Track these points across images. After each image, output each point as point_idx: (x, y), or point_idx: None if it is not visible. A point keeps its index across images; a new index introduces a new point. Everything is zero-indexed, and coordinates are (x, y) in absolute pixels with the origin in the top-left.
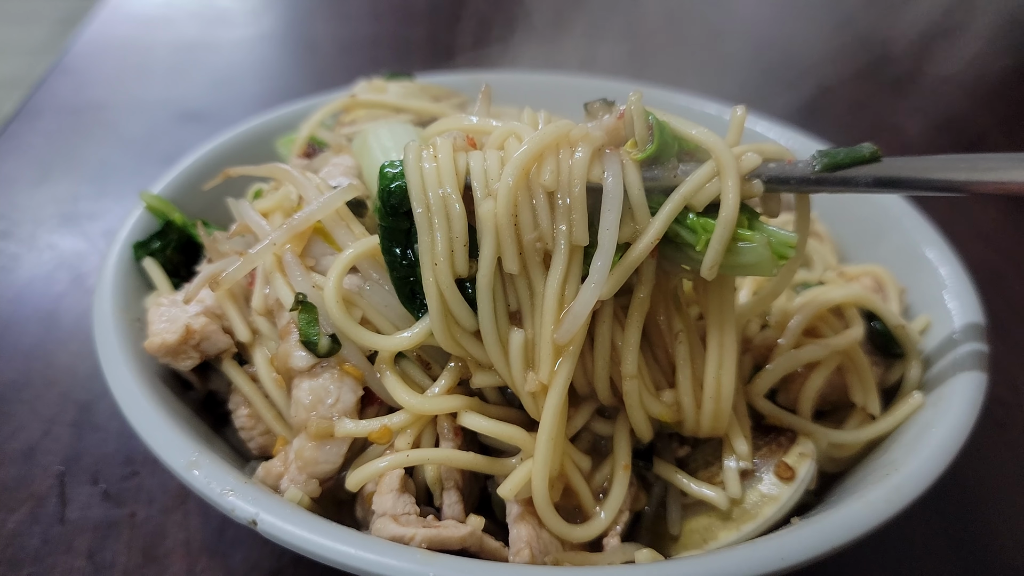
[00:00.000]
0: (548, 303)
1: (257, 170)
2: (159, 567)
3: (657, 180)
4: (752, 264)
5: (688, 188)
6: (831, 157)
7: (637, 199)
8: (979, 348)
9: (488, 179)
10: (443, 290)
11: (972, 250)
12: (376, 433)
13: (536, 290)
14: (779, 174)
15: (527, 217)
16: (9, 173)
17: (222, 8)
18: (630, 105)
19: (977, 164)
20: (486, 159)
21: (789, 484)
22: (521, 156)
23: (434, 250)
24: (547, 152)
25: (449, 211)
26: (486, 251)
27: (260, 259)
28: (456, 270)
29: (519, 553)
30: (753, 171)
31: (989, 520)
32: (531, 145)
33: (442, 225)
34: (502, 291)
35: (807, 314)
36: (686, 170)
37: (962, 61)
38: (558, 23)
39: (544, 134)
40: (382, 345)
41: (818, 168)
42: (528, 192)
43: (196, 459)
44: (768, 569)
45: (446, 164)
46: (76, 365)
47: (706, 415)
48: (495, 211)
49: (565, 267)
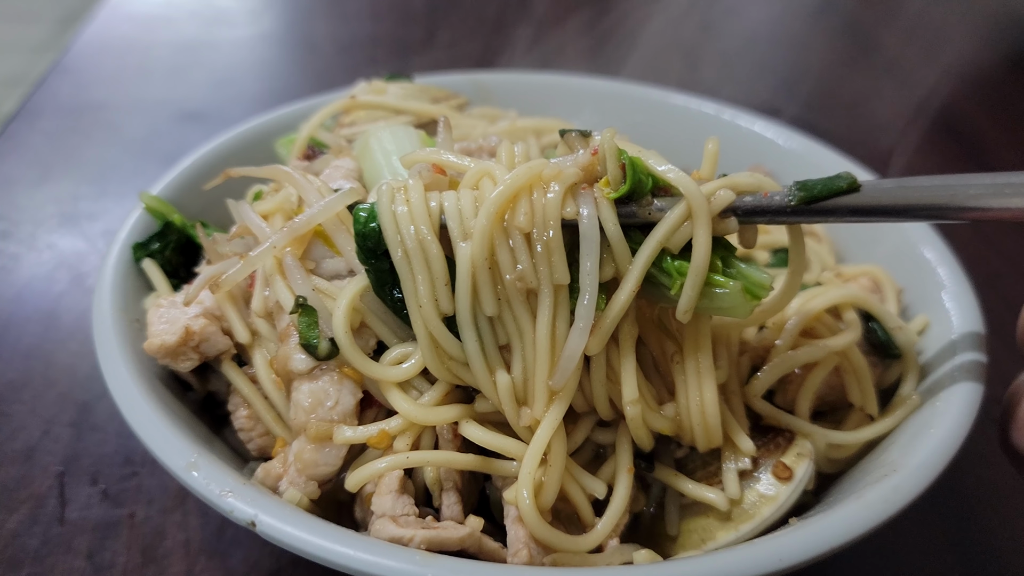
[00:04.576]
0: (540, 343)
1: (258, 171)
2: (158, 567)
3: (633, 217)
4: (726, 307)
5: (662, 233)
6: (807, 190)
7: (615, 236)
8: (977, 348)
9: (463, 219)
10: (431, 330)
11: (970, 250)
12: (375, 438)
13: (523, 327)
14: (755, 207)
15: (506, 258)
16: (9, 173)
17: (222, 8)
18: (603, 144)
19: (958, 191)
20: (460, 199)
21: (787, 484)
22: (495, 200)
23: (417, 294)
24: (521, 194)
25: (427, 254)
26: (462, 293)
27: (260, 261)
28: (441, 310)
29: (517, 554)
30: (727, 207)
31: (987, 520)
32: (505, 188)
33: (421, 269)
34: (489, 327)
35: (804, 315)
36: (660, 207)
37: (961, 59)
38: (557, 22)
39: (517, 176)
40: (384, 376)
41: (793, 201)
42: (504, 234)
43: (195, 460)
44: (766, 569)
45: (418, 206)
46: (76, 365)
47: (699, 435)
48: (471, 255)
49: (552, 307)
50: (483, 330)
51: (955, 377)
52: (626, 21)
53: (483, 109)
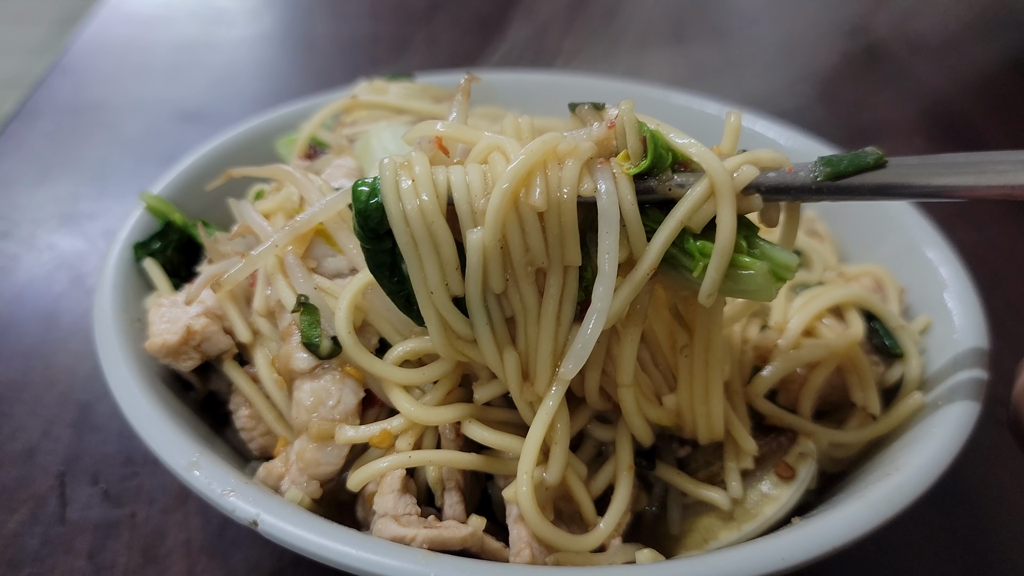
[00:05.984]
0: (546, 325)
1: (259, 171)
2: (159, 567)
3: (651, 193)
4: (751, 290)
5: (684, 211)
6: (833, 165)
7: (631, 215)
8: (979, 348)
9: (472, 198)
10: (442, 312)
11: (972, 250)
12: (377, 438)
13: (529, 305)
14: (778, 183)
15: (517, 239)
16: (9, 173)
17: (221, 8)
18: (622, 116)
19: (984, 167)
20: (468, 174)
21: (790, 484)
22: (510, 177)
23: (427, 281)
24: (535, 170)
25: (436, 239)
26: (472, 278)
27: (262, 260)
28: (452, 292)
29: (519, 553)
30: (750, 184)
31: (990, 519)
32: (519, 165)
33: (430, 255)
34: (497, 304)
35: (806, 315)
36: (681, 183)
37: (962, 58)
38: (558, 21)
39: (532, 151)
40: (389, 375)
41: (819, 177)
42: (517, 215)
43: (197, 460)
44: (769, 569)
45: (425, 182)
46: (76, 365)
47: (701, 426)
48: (483, 240)
49: (560, 288)
50: (492, 308)
51: (957, 376)
52: (629, 21)
53: (485, 108)
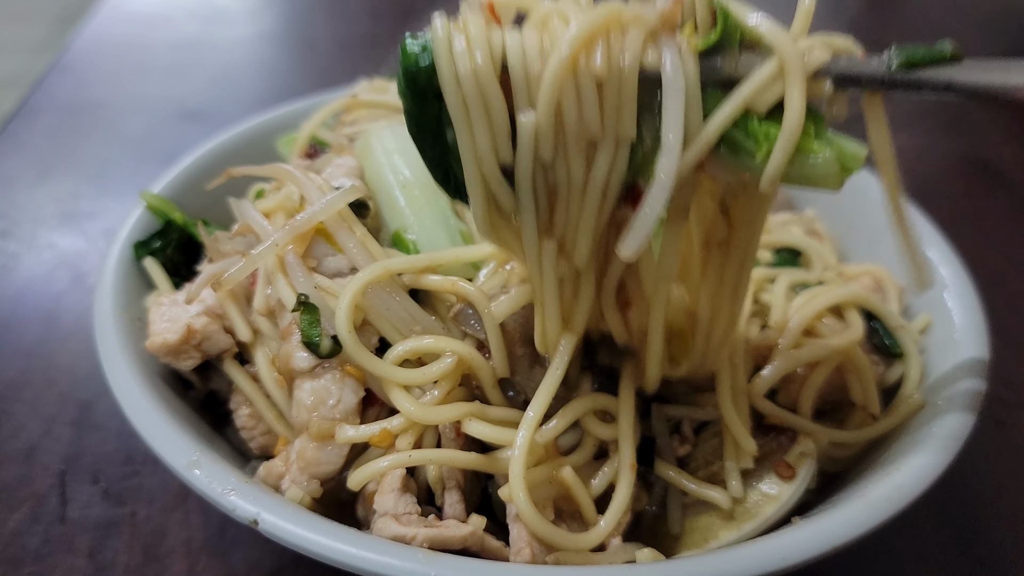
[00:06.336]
0: (591, 197)
1: (260, 170)
2: (160, 566)
3: (715, 73)
4: (817, 177)
5: (748, 90)
6: (908, 54)
7: (692, 93)
8: (979, 347)
9: (528, 62)
10: (489, 181)
11: (972, 250)
12: (377, 437)
13: (575, 175)
14: (849, 71)
15: (571, 106)
16: (9, 172)
17: (221, 7)
18: None
19: None
20: (525, 38)
21: (790, 483)
22: (571, 41)
23: (476, 148)
24: (597, 37)
25: (488, 104)
26: (524, 151)
27: (262, 259)
28: (500, 160)
29: (520, 553)
30: (821, 68)
31: (990, 518)
32: (581, 29)
33: (482, 120)
34: (543, 174)
35: (807, 314)
36: (747, 64)
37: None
38: None
39: (595, 16)
40: (390, 375)
41: (894, 65)
42: (574, 83)
43: (197, 458)
44: (769, 568)
45: (480, 43)
46: (76, 365)
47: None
48: (538, 108)
49: (610, 161)
50: (538, 181)
51: (957, 376)
52: None
53: None
